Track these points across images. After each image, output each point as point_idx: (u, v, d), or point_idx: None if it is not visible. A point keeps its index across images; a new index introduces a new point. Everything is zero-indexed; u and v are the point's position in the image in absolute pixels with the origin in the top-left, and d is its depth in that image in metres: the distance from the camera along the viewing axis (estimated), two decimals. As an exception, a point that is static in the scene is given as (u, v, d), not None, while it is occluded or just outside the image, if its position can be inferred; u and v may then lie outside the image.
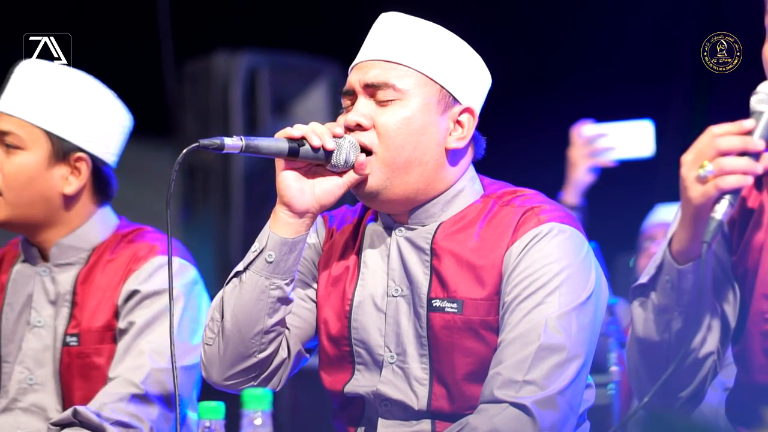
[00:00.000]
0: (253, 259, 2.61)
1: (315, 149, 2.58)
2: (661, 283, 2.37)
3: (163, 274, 3.06)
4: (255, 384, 2.66)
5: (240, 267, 2.63)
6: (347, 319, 2.67)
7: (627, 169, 4.63)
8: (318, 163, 2.61)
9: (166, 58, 6.26)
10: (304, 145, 2.57)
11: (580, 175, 4.53)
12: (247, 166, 6.00)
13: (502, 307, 2.58)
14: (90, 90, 3.11)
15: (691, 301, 2.34)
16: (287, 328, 2.70)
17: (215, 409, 2.07)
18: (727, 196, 2.25)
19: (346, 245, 2.73)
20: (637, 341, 2.44)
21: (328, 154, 2.59)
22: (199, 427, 2.07)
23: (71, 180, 3.11)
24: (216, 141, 2.54)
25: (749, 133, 2.28)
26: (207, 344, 2.66)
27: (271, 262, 2.60)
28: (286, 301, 2.63)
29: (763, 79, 2.38)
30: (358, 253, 2.71)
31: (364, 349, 2.66)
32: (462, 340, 2.59)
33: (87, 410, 2.86)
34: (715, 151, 2.26)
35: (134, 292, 3.05)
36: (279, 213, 2.62)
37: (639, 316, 2.43)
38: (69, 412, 2.87)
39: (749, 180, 2.25)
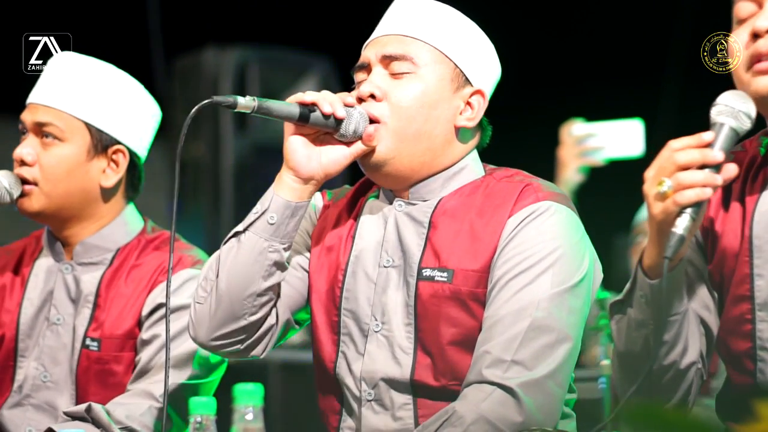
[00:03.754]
0: (254, 220, 2.62)
1: (326, 116, 2.59)
2: (636, 298, 2.38)
3: (190, 288, 2.99)
4: (241, 348, 2.65)
5: (240, 227, 2.64)
6: (340, 289, 2.68)
7: (622, 163, 4.63)
8: (326, 131, 2.62)
9: (155, 54, 6.27)
10: (315, 111, 2.59)
11: (570, 174, 4.53)
12: (237, 160, 6.00)
13: (492, 281, 2.57)
14: (124, 83, 3.11)
15: (666, 315, 2.35)
16: (278, 296, 2.70)
17: (206, 405, 2.07)
18: (688, 210, 2.25)
19: (341, 217, 2.74)
20: (619, 356, 2.46)
21: (338, 122, 2.60)
22: (191, 422, 2.07)
23: (109, 173, 3.09)
24: (229, 99, 2.56)
25: (709, 145, 2.28)
26: (198, 303, 2.66)
27: (272, 224, 2.61)
28: (281, 266, 2.64)
29: None
30: (354, 226, 2.72)
31: (352, 319, 2.67)
32: (448, 309, 2.59)
33: (101, 410, 2.84)
34: (674, 165, 2.26)
35: (160, 305, 3.01)
36: (284, 177, 2.63)
37: (618, 331, 2.44)
38: (83, 406, 2.84)
39: (709, 193, 2.25)
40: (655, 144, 4.73)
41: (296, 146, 2.62)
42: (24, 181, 3.05)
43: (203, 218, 6.09)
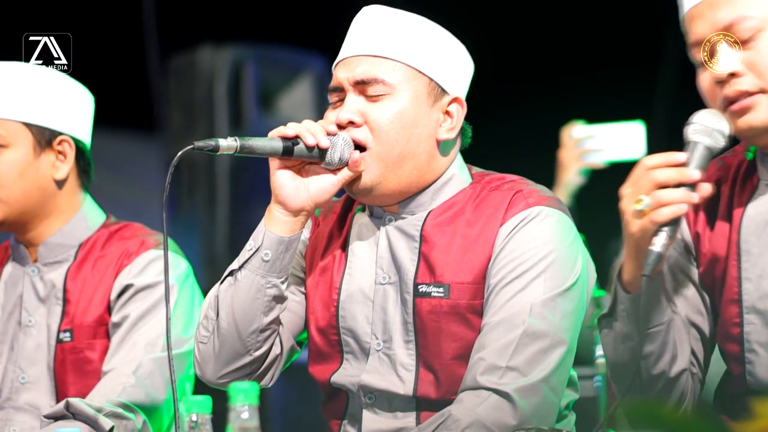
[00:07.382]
0: (249, 258, 2.61)
1: (309, 148, 2.58)
2: (618, 312, 2.41)
3: (155, 268, 3.07)
4: (248, 380, 2.66)
5: (235, 265, 2.63)
6: (335, 308, 2.67)
7: (623, 165, 4.62)
8: (312, 161, 2.61)
9: (150, 53, 6.26)
10: (298, 143, 2.57)
11: (570, 176, 4.52)
12: (233, 159, 5.99)
13: (487, 289, 2.58)
14: (48, 75, 3.12)
15: (645, 328, 2.38)
16: (281, 324, 2.70)
17: (202, 404, 2.07)
18: (665, 228, 2.29)
19: (332, 235, 2.74)
20: (609, 367, 2.49)
21: (323, 152, 2.59)
22: (186, 421, 2.07)
23: (58, 165, 3.12)
24: (211, 143, 2.53)
25: (684, 164, 2.31)
26: (201, 342, 2.66)
27: (267, 261, 2.60)
28: (281, 299, 2.64)
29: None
30: (346, 243, 2.71)
31: (351, 338, 2.66)
32: (448, 324, 2.59)
33: (79, 402, 2.86)
34: (652, 183, 2.29)
35: (128, 287, 3.05)
36: (274, 212, 2.62)
37: (606, 345, 2.47)
38: (61, 404, 2.87)
39: (684, 209, 2.28)
40: (650, 144, 4.73)
41: (283, 180, 2.61)
42: None
43: (198, 216, 6.08)
